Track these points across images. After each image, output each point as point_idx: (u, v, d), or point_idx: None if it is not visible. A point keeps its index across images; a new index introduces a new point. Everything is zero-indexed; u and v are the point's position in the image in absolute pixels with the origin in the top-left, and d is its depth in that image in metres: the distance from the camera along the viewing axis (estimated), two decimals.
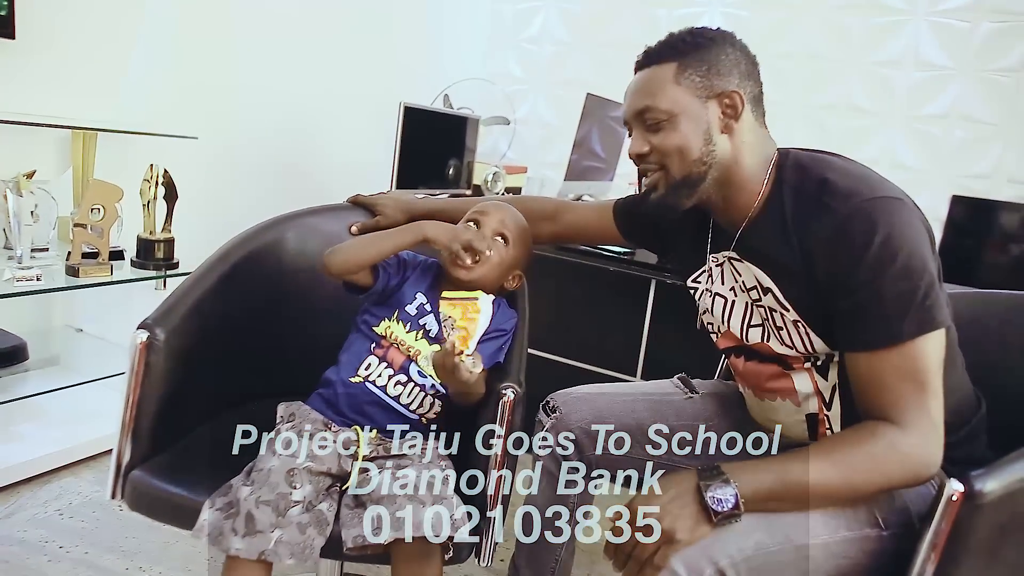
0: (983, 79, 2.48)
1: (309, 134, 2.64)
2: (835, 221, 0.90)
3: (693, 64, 0.98)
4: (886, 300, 0.87)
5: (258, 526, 0.90)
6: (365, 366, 1.11)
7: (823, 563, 0.90)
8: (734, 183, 1.00)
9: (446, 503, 0.95)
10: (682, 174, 0.99)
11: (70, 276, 1.72)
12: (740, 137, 0.99)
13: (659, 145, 0.99)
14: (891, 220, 0.88)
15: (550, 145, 3.20)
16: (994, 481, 0.78)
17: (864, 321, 0.89)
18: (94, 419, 1.86)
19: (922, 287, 0.87)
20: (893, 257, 0.87)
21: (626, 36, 3.06)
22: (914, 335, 0.87)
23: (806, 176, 0.97)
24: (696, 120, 0.98)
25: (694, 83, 0.97)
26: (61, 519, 1.61)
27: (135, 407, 1.04)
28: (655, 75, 0.99)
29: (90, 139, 1.90)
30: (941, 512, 0.79)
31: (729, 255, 1.06)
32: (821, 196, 0.93)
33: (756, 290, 1.02)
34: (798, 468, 0.88)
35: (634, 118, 1.02)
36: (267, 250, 1.30)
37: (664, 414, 1.22)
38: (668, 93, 0.98)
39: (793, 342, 0.99)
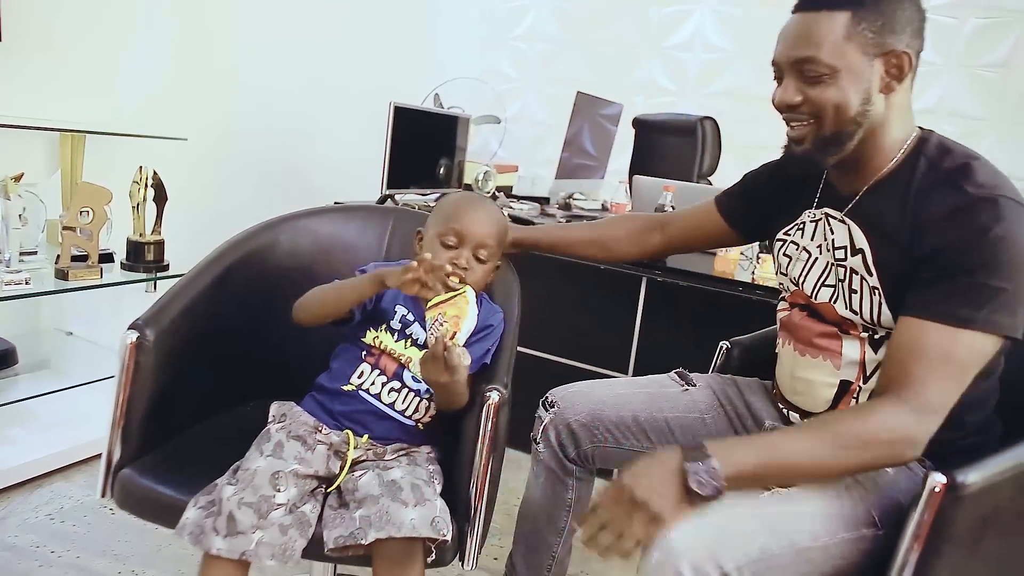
0: (971, 74, 2.49)
1: (299, 134, 2.64)
2: (963, 199, 0.89)
3: (868, 17, 0.91)
4: (970, 284, 0.86)
5: (239, 527, 0.90)
6: (358, 374, 1.10)
7: (822, 564, 0.90)
8: (875, 144, 0.97)
9: (429, 505, 0.94)
10: (834, 130, 0.95)
11: (59, 279, 1.71)
12: (895, 98, 0.95)
13: (815, 98, 0.94)
14: (1017, 218, 0.86)
15: (541, 143, 3.21)
16: (976, 473, 0.79)
17: (936, 291, 0.88)
18: (85, 422, 1.85)
19: (1011, 289, 0.86)
20: (1002, 253, 0.86)
21: (617, 34, 3.06)
22: (977, 325, 0.86)
23: (948, 156, 0.94)
24: (859, 78, 0.92)
25: (865, 39, 0.91)
26: (52, 523, 1.60)
27: (125, 406, 1.04)
28: (824, 23, 0.92)
29: (78, 141, 1.89)
30: (924, 503, 0.80)
31: (830, 213, 1.04)
32: (956, 177, 0.91)
33: (845, 250, 1.00)
34: (786, 446, 0.88)
35: (791, 65, 0.96)
36: (260, 252, 1.30)
37: (660, 406, 1.23)
38: (836, 46, 0.91)
39: (861, 308, 0.98)
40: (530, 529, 1.29)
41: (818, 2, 0.93)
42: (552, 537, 1.28)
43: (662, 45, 2.94)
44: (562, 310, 2.12)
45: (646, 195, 2.17)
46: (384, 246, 1.39)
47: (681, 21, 2.89)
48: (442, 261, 1.06)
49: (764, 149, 3.10)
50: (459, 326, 0.97)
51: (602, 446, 1.20)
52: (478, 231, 1.11)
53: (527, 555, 1.30)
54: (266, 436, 1.03)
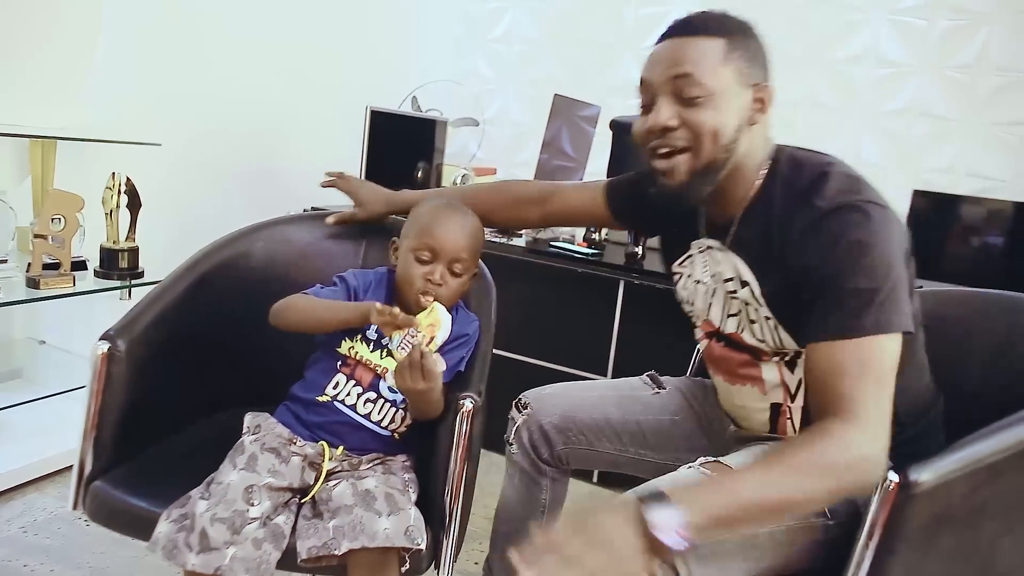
0: (941, 76, 2.53)
1: (275, 138, 2.62)
2: (815, 215, 0.91)
3: (741, 47, 0.93)
4: (848, 294, 0.87)
5: (212, 543, 0.90)
6: (333, 385, 1.10)
7: (769, 550, 0.92)
8: (739, 175, 0.98)
9: (402, 514, 0.94)
10: (709, 159, 0.93)
11: (31, 288, 1.68)
12: (758, 131, 0.97)
13: (693, 120, 0.92)
14: (868, 222, 0.88)
15: (520, 145, 3.21)
16: (929, 472, 0.80)
17: (826, 312, 0.89)
18: (59, 433, 1.82)
19: (884, 289, 0.86)
20: (861, 255, 0.87)
21: (594, 35, 3.07)
22: (874, 331, 0.87)
23: (800, 173, 0.96)
24: (733, 105, 0.93)
25: (738, 67, 0.92)
26: (26, 536, 1.57)
27: (96, 418, 1.03)
28: (702, 45, 0.92)
29: (49, 147, 1.87)
30: (878, 501, 0.81)
31: (711, 244, 1.05)
32: (808, 194, 0.93)
33: (733, 282, 1.02)
34: (751, 485, 0.80)
35: (666, 84, 0.93)
36: (236, 260, 1.29)
37: (632, 409, 1.24)
38: (714, 68, 0.91)
39: (764, 336, 1.00)
40: (506, 531, 1.30)
41: (693, 28, 0.94)
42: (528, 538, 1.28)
43: (639, 47, 2.95)
44: (540, 313, 2.12)
45: None
46: (361, 252, 1.39)
47: (657, 22, 2.91)
48: (416, 276, 1.08)
49: None
50: (434, 333, 0.97)
51: (575, 448, 1.21)
52: (452, 246, 1.09)
53: (504, 557, 1.30)
54: (240, 448, 1.02)
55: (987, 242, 2.39)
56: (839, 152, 0.98)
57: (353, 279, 1.16)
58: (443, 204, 1.16)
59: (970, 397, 1.11)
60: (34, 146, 1.86)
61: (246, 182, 2.49)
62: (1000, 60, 2.44)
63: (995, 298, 1.20)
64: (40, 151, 1.86)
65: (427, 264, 1.09)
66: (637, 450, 1.22)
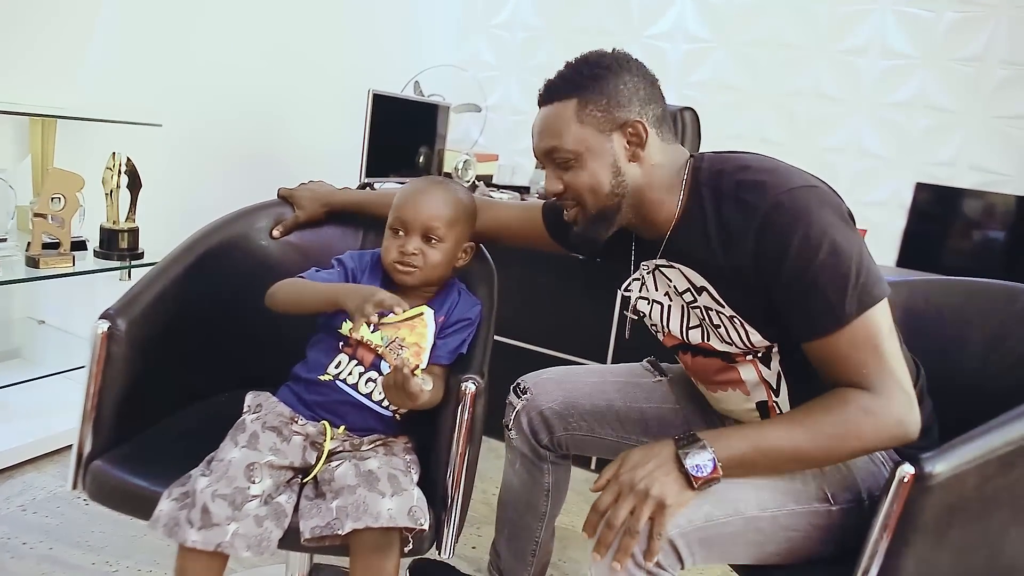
0: (946, 68, 2.52)
1: (277, 121, 2.60)
2: (755, 217, 0.91)
3: (593, 98, 0.98)
4: (822, 288, 0.89)
5: (214, 519, 0.90)
6: (335, 364, 1.10)
7: (772, 535, 0.93)
8: (651, 204, 1.01)
9: (406, 494, 0.94)
10: (596, 209, 1.01)
11: (30, 267, 1.67)
12: (649, 161, 1.00)
13: (571, 183, 1.00)
14: (808, 209, 0.89)
15: (522, 132, 3.19)
16: (943, 463, 0.81)
17: (807, 311, 0.91)
18: (58, 412, 1.82)
19: (853, 267, 0.88)
20: (818, 246, 0.88)
21: (597, 22, 3.05)
22: (858, 312, 0.89)
23: (721, 177, 0.98)
24: (602, 155, 0.98)
25: (596, 118, 0.98)
26: (24, 515, 1.58)
27: (96, 397, 1.03)
28: (557, 113, 0.99)
29: (49, 126, 1.85)
30: (893, 493, 0.82)
31: (656, 263, 1.07)
32: (738, 193, 0.94)
33: (690, 291, 1.03)
34: (773, 434, 0.90)
35: (543, 156, 1.03)
36: (234, 241, 1.29)
37: (634, 396, 1.23)
38: (572, 132, 0.98)
39: (732, 338, 1.01)
40: (511, 515, 1.30)
41: (550, 95, 1.01)
42: (533, 522, 1.29)
43: (643, 35, 2.93)
44: (540, 299, 2.12)
45: None
46: (360, 234, 1.38)
47: (662, 11, 2.89)
48: (390, 249, 1.10)
49: (741, 139, 3.13)
50: (420, 357, 0.97)
51: (575, 434, 1.21)
52: (422, 216, 1.11)
53: (510, 541, 1.31)
54: (241, 427, 1.02)
55: (988, 236, 2.39)
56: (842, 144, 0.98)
57: (351, 261, 1.17)
58: (419, 180, 1.18)
59: (967, 384, 1.11)
60: (34, 125, 1.85)
61: (247, 164, 2.48)
62: (1006, 53, 2.43)
63: (991, 287, 1.20)
64: (40, 130, 1.85)
65: (400, 238, 1.11)
66: (639, 437, 1.22)
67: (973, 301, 1.20)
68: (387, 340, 0.98)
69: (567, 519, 1.75)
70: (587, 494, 1.94)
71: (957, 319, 1.19)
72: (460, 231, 1.15)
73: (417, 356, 0.96)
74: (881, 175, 2.61)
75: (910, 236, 2.49)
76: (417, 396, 0.95)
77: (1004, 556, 0.93)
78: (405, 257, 1.10)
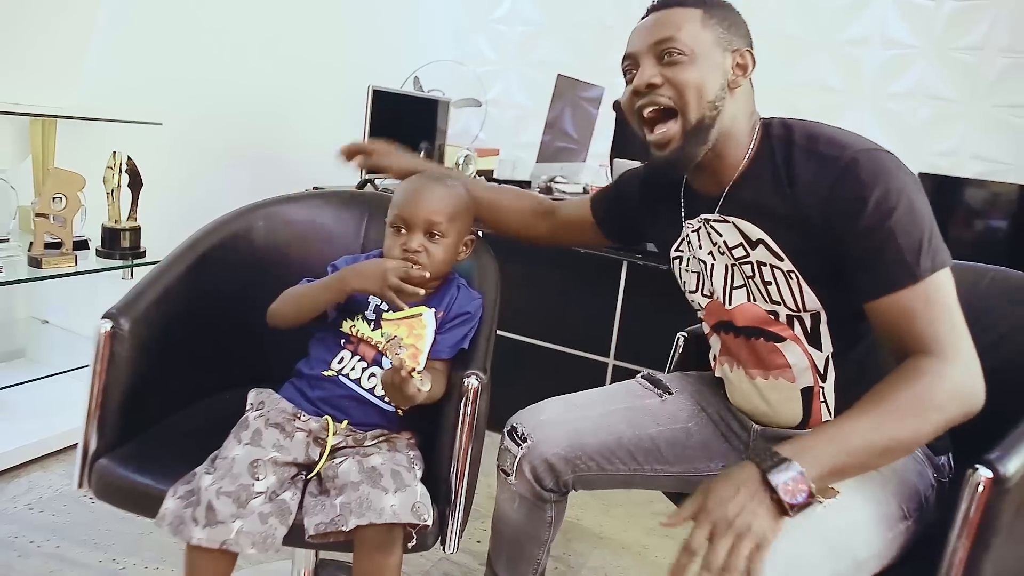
0: (947, 57, 2.51)
1: (277, 118, 2.60)
2: (835, 169, 0.91)
3: (717, 15, 0.98)
4: (898, 242, 0.88)
5: (219, 516, 0.90)
6: (338, 360, 1.10)
7: (873, 567, 0.90)
8: (730, 139, 0.99)
9: (409, 490, 0.95)
10: (697, 116, 0.96)
11: (33, 267, 1.68)
12: (741, 96, 1.00)
13: (675, 78, 0.96)
14: (888, 169, 0.90)
15: (522, 126, 3.19)
16: (1015, 463, 0.79)
17: (881, 265, 0.89)
18: (62, 411, 1.83)
19: (927, 229, 0.88)
20: (896, 203, 0.88)
21: (597, 16, 3.05)
22: (931, 270, 0.88)
23: (794, 132, 0.98)
24: (715, 66, 0.97)
25: (717, 33, 0.97)
26: (31, 513, 1.59)
27: (100, 396, 1.03)
28: (680, 14, 0.97)
29: (49, 126, 1.86)
30: (968, 500, 0.79)
31: (707, 217, 1.04)
32: (814, 147, 0.94)
33: (742, 246, 1.00)
34: (857, 431, 0.82)
35: (649, 49, 0.97)
36: (237, 239, 1.29)
37: (641, 423, 1.14)
38: (693, 32, 0.96)
39: (782, 296, 0.98)
40: (510, 542, 1.21)
41: (667, 2, 0.99)
42: (535, 549, 1.20)
43: None
44: (543, 293, 2.12)
45: None
46: (362, 232, 1.38)
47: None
48: (393, 248, 1.10)
49: None
50: (417, 360, 0.95)
51: (585, 474, 1.12)
52: (422, 212, 1.10)
53: (509, 565, 1.22)
54: (244, 424, 1.02)
55: (991, 225, 2.38)
56: None
57: (345, 266, 1.15)
58: (416, 176, 1.17)
59: None
60: (34, 125, 1.85)
61: (248, 162, 2.48)
62: (1007, 41, 2.43)
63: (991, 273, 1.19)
64: (40, 130, 1.85)
65: (402, 235, 1.11)
66: (653, 466, 1.14)
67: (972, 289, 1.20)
68: (387, 336, 0.98)
69: (572, 512, 1.75)
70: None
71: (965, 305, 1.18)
72: (461, 225, 1.15)
73: (414, 359, 0.95)
74: None
75: None
76: (414, 398, 0.95)
77: None
78: (409, 255, 1.09)
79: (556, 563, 1.62)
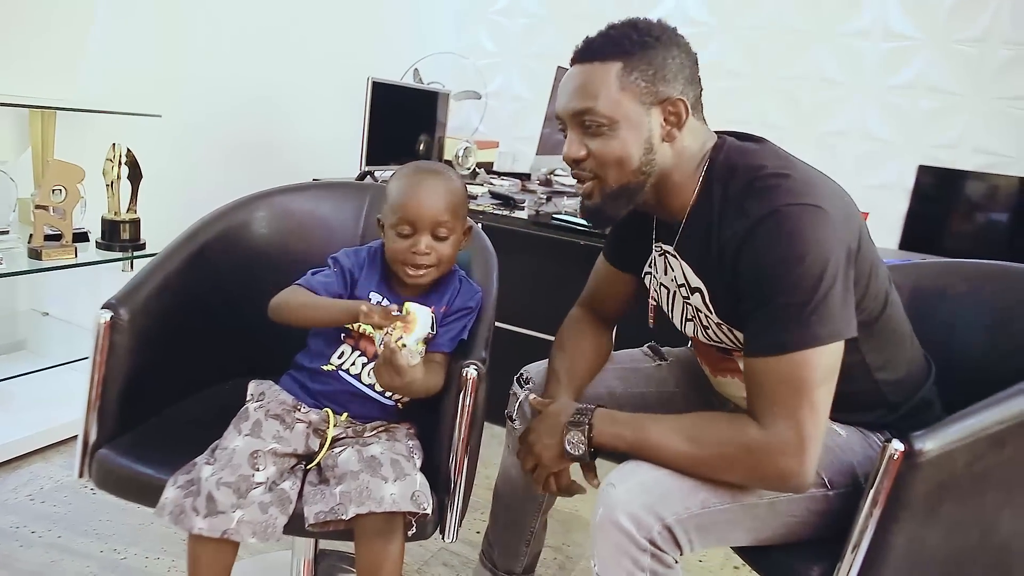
0: (949, 50, 2.50)
1: (276, 110, 2.60)
2: (747, 224, 0.89)
3: (640, 66, 0.92)
4: (776, 308, 0.86)
5: (219, 507, 0.90)
6: (338, 354, 1.10)
7: (770, 520, 0.93)
8: (672, 188, 0.98)
9: (408, 479, 0.95)
10: (619, 184, 0.95)
11: (33, 259, 1.68)
12: (681, 143, 0.96)
13: (597, 152, 0.94)
14: (800, 228, 0.85)
15: (522, 119, 3.19)
16: (933, 440, 0.81)
17: (757, 328, 0.89)
18: (63, 403, 1.83)
19: (814, 300, 0.85)
20: (791, 267, 0.85)
21: (598, 8, 3.03)
22: (803, 346, 0.85)
23: (734, 177, 0.94)
24: (638, 128, 0.93)
25: (639, 88, 0.92)
26: (32, 504, 1.59)
27: (100, 386, 1.04)
28: (598, 74, 0.93)
29: (49, 118, 1.85)
30: (882, 470, 0.82)
31: (665, 248, 1.06)
32: (743, 200, 0.91)
33: (685, 288, 1.03)
34: (659, 433, 0.93)
35: (571, 118, 0.96)
36: (235, 230, 1.29)
37: (634, 381, 1.23)
38: (611, 97, 0.92)
39: (721, 339, 1.01)
40: (507, 504, 1.30)
41: (592, 53, 0.94)
42: (530, 512, 1.29)
43: None
44: (542, 286, 2.12)
45: None
46: (360, 223, 1.38)
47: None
48: (401, 252, 1.06)
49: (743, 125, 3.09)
50: (408, 330, 0.95)
51: None
52: (430, 213, 1.05)
53: (505, 531, 1.30)
54: (244, 415, 1.03)
55: (992, 218, 2.38)
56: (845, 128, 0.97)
57: (346, 259, 1.14)
58: (410, 172, 1.10)
59: (970, 367, 1.11)
60: (34, 117, 1.85)
61: (247, 154, 2.48)
62: (1009, 33, 2.41)
63: (994, 269, 1.19)
64: (40, 122, 1.85)
65: (409, 238, 1.06)
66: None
67: (979, 283, 1.20)
68: (380, 336, 0.98)
69: (570, 504, 1.76)
70: None
71: (963, 301, 1.18)
72: (462, 216, 1.13)
73: (404, 330, 0.95)
74: (884, 158, 2.59)
75: (913, 219, 2.47)
76: (404, 370, 0.93)
77: (997, 535, 0.94)
78: (418, 258, 1.06)
79: (555, 554, 1.63)
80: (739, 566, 1.64)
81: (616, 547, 0.88)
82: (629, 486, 0.89)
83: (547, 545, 1.40)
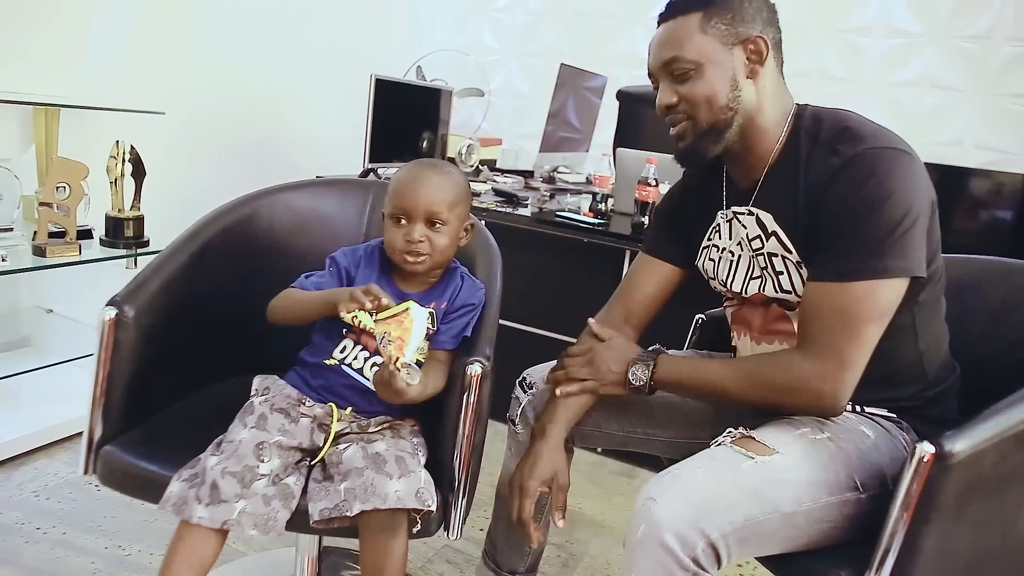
0: (952, 46, 2.49)
1: (279, 108, 2.60)
2: (839, 161, 0.94)
3: (718, 12, 0.99)
4: (852, 241, 0.91)
5: (222, 496, 0.91)
6: (340, 349, 1.10)
7: (807, 528, 0.92)
8: (756, 131, 1.03)
9: (413, 476, 0.95)
10: (709, 121, 1.01)
11: (37, 256, 1.69)
12: (763, 82, 1.02)
13: (687, 95, 1.01)
14: (890, 168, 0.91)
15: (525, 116, 3.19)
16: (963, 441, 0.80)
17: (825, 256, 0.94)
18: (67, 400, 1.84)
19: (894, 235, 0.90)
20: (878, 203, 0.90)
21: (599, 5, 3.03)
22: (868, 276, 0.90)
23: (823, 126, 1.00)
24: (722, 67, 1.00)
25: (720, 31, 0.99)
26: (37, 500, 1.60)
27: (105, 383, 1.04)
28: (680, 26, 1.00)
29: (52, 115, 1.86)
30: (912, 473, 0.81)
31: (736, 211, 1.08)
32: (834, 143, 0.96)
33: (760, 238, 1.04)
34: (712, 368, 1.02)
35: (661, 69, 1.03)
36: (239, 227, 1.29)
37: None
38: (694, 43, 0.99)
39: (793, 285, 1.01)
40: None
41: (673, 10, 1.03)
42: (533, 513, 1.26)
43: (646, 16, 2.91)
44: (546, 283, 2.12)
45: (630, 168, 2.17)
46: (364, 220, 1.39)
47: None
48: (396, 240, 1.08)
49: None
50: (403, 351, 0.96)
51: (582, 428, 1.18)
52: (423, 203, 1.08)
53: (507, 532, 1.28)
54: (249, 408, 1.03)
55: (995, 215, 2.37)
56: None
57: (343, 258, 1.15)
58: (410, 166, 1.13)
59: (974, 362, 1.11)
60: (37, 114, 1.86)
61: (251, 151, 2.48)
62: (1012, 30, 2.41)
63: (996, 264, 1.20)
64: (44, 119, 1.85)
65: (404, 226, 1.09)
66: (645, 430, 1.20)
67: (981, 278, 1.20)
68: (378, 337, 0.98)
69: (574, 501, 1.76)
70: (592, 475, 1.95)
71: (965, 296, 1.18)
72: (461, 211, 1.13)
73: (400, 349, 0.95)
74: None
75: None
76: (402, 392, 0.94)
77: (1017, 531, 0.94)
78: (412, 246, 1.08)
79: (558, 551, 1.63)
80: (742, 563, 1.64)
81: (659, 566, 0.85)
82: (672, 501, 0.87)
83: (550, 542, 1.40)
